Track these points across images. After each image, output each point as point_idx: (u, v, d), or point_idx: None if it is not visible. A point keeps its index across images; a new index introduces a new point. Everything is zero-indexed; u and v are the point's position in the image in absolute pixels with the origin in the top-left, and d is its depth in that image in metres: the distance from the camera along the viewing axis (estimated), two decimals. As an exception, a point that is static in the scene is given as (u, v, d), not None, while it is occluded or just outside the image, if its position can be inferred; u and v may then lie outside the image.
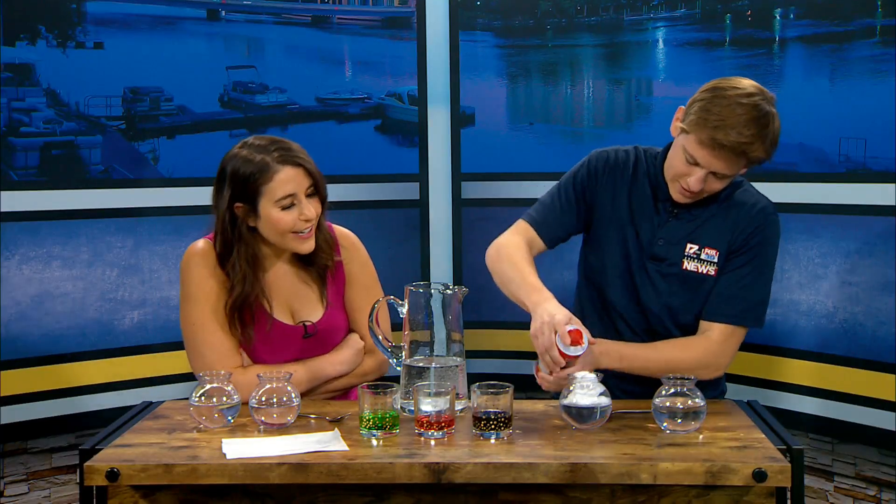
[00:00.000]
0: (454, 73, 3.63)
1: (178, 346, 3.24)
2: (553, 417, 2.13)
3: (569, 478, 1.85)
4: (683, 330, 2.35)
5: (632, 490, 1.92)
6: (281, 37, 3.49)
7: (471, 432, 2.01)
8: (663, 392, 2.04)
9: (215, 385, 2.09)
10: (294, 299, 2.38)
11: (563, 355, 2.10)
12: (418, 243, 3.66)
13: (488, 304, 3.32)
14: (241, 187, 2.26)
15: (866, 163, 2.92)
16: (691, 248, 2.33)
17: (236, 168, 2.26)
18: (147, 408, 2.25)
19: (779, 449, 1.92)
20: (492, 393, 2.00)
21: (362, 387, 2.01)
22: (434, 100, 3.64)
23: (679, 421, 2.02)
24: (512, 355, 3.54)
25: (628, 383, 2.32)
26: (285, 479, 1.86)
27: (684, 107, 2.25)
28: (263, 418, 2.06)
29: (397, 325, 2.25)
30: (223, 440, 1.98)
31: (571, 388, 2.05)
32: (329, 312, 2.40)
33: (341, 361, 2.38)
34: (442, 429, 1.99)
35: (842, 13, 2.98)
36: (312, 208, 2.28)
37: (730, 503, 1.92)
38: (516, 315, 2.41)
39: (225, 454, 1.90)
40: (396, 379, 2.19)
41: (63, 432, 3.19)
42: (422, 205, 3.66)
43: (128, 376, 3.23)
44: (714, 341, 2.30)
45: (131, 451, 1.94)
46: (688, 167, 2.23)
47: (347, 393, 2.44)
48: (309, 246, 2.31)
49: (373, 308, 2.26)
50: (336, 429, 2.06)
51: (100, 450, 1.93)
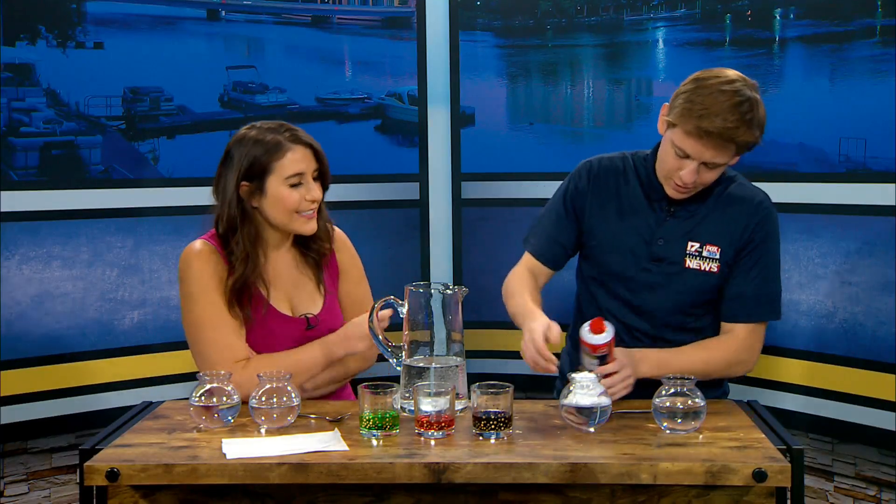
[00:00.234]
0: (454, 73, 3.63)
1: (178, 346, 3.26)
2: (553, 417, 2.13)
3: (569, 478, 1.85)
4: (686, 333, 2.35)
5: (632, 490, 1.92)
6: (281, 37, 3.49)
7: (471, 432, 2.01)
8: (663, 392, 2.04)
9: (215, 385, 2.09)
10: (293, 292, 2.40)
11: (593, 347, 2.15)
12: (418, 243, 3.66)
13: (488, 304, 3.31)
14: (250, 164, 2.30)
15: (866, 163, 2.92)
16: (692, 245, 2.33)
17: (248, 146, 2.30)
18: (147, 408, 2.25)
19: (779, 449, 1.92)
20: (492, 393, 2.00)
21: (362, 387, 2.02)
22: (434, 100, 3.64)
23: (679, 421, 2.01)
24: (512, 355, 3.52)
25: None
26: (285, 479, 1.86)
27: (668, 103, 2.26)
28: (263, 418, 2.06)
29: (397, 325, 2.25)
30: (223, 440, 1.98)
31: (571, 388, 2.05)
32: (328, 302, 2.43)
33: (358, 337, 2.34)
34: (442, 429, 1.99)
35: (842, 13, 2.98)
36: (317, 191, 2.34)
37: (730, 503, 1.92)
38: (516, 315, 2.43)
39: (225, 454, 1.90)
40: (396, 379, 2.19)
41: (63, 432, 3.19)
42: (422, 205, 3.66)
43: (128, 376, 3.23)
44: (741, 338, 2.33)
45: (131, 451, 1.94)
46: (678, 161, 2.23)
47: (338, 392, 2.44)
48: (312, 227, 2.35)
49: (373, 308, 2.26)
50: (336, 429, 2.06)
51: (100, 450, 1.93)
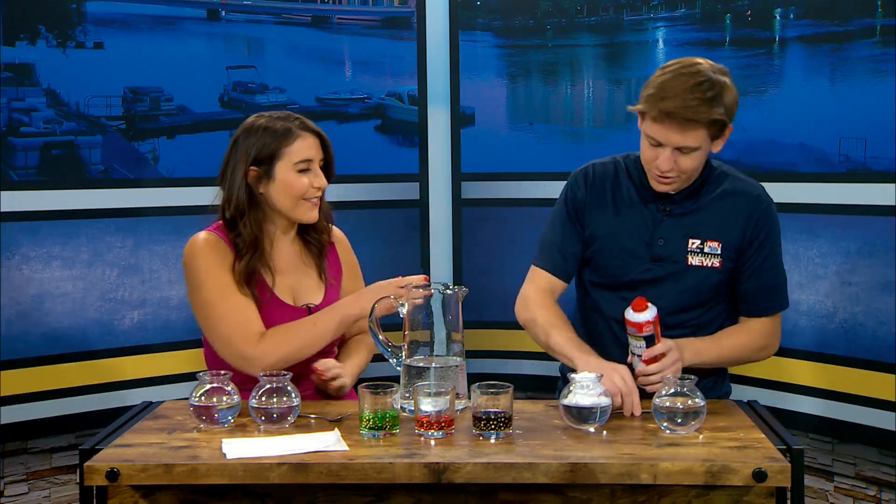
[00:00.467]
0: (454, 73, 3.63)
1: (178, 346, 3.27)
2: (553, 417, 2.12)
3: (569, 478, 1.85)
4: (686, 329, 2.34)
5: (632, 490, 1.92)
6: (281, 37, 3.49)
7: (471, 432, 2.01)
8: (663, 392, 2.04)
9: (215, 385, 2.09)
10: (295, 282, 2.42)
11: (638, 326, 2.17)
12: (418, 243, 3.66)
13: (488, 304, 3.32)
14: (260, 149, 2.34)
15: (866, 163, 2.92)
16: (693, 242, 2.33)
17: (258, 132, 2.35)
18: (147, 408, 2.25)
19: (779, 449, 1.92)
20: (492, 393, 2.00)
21: (362, 387, 2.02)
22: (434, 100, 3.64)
23: (679, 421, 2.01)
24: (512, 355, 3.54)
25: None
26: (285, 479, 1.86)
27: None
28: (263, 418, 2.06)
29: (397, 325, 2.25)
30: (223, 440, 1.97)
31: (571, 388, 2.05)
32: (329, 292, 2.45)
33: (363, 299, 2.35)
34: (442, 429, 1.99)
35: (842, 13, 2.98)
36: (323, 179, 2.39)
37: (730, 503, 1.92)
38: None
39: (225, 454, 1.90)
40: (396, 379, 2.19)
41: (63, 432, 3.19)
42: (422, 205, 3.66)
43: (128, 376, 3.23)
44: (765, 324, 2.39)
45: (131, 451, 1.93)
46: (654, 150, 2.25)
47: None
48: (314, 215, 2.40)
49: (372, 308, 2.26)
50: (336, 429, 2.06)
51: (100, 450, 1.93)
